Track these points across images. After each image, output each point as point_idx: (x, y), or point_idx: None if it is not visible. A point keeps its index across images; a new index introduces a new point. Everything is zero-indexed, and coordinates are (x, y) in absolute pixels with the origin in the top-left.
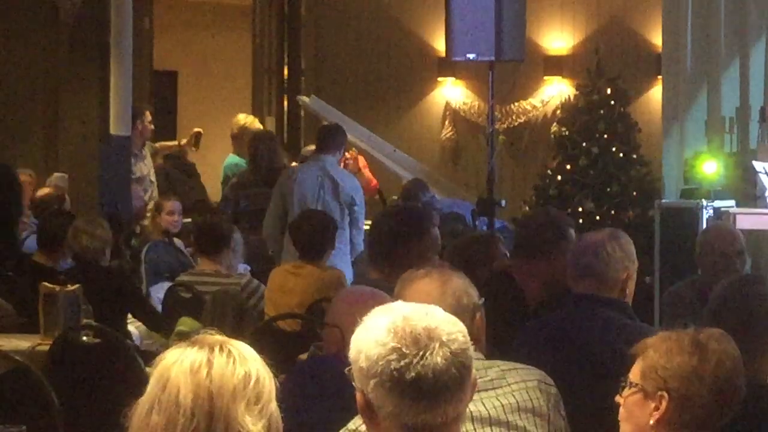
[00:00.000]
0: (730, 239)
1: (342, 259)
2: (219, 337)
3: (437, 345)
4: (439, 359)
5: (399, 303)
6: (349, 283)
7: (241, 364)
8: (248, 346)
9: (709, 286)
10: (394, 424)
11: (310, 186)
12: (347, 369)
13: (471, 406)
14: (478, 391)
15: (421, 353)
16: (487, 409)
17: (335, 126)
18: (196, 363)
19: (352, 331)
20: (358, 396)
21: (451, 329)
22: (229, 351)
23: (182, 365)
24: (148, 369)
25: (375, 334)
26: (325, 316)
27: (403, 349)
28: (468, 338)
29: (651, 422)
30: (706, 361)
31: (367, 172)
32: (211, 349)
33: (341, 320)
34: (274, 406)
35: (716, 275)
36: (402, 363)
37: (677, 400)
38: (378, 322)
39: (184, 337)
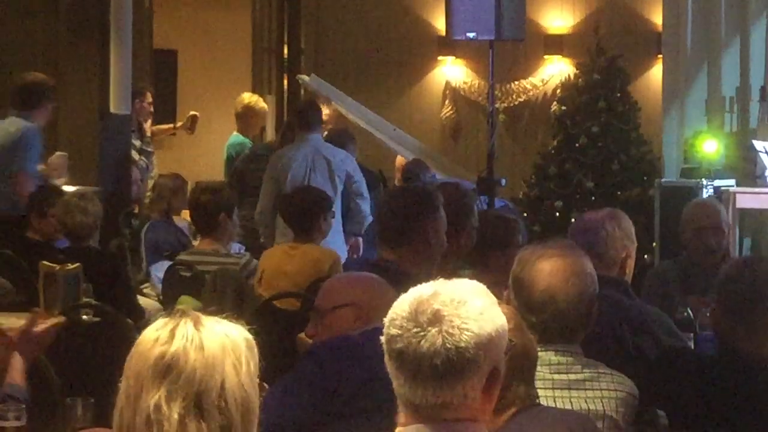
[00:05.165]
0: (703, 214)
1: (333, 236)
2: (186, 315)
3: (435, 331)
4: (426, 344)
5: (440, 282)
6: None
7: (163, 344)
8: (213, 324)
9: (690, 264)
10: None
11: (299, 166)
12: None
13: (559, 403)
14: (569, 389)
15: (414, 331)
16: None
17: (312, 102)
18: (138, 342)
19: (354, 312)
20: None
21: (467, 321)
22: (173, 329)
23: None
24: None
25: (400, 301)
26: (323, 300)
27: (403, 322)
28: (491, 335)
29: None
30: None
31: None
32: (158, 328)
33: (352, 300)
34: (212, 383)
35: (695, 251)
36: (393, 332)
37: None
38: (412, 292)
39: None
